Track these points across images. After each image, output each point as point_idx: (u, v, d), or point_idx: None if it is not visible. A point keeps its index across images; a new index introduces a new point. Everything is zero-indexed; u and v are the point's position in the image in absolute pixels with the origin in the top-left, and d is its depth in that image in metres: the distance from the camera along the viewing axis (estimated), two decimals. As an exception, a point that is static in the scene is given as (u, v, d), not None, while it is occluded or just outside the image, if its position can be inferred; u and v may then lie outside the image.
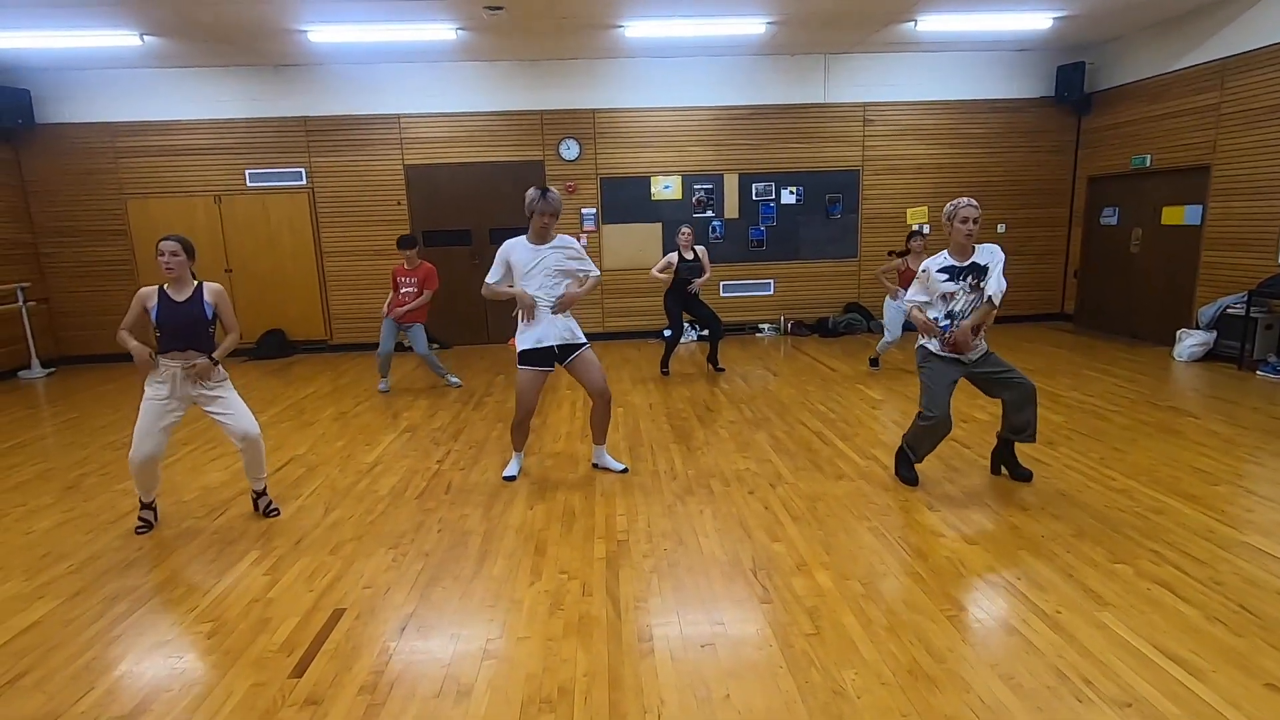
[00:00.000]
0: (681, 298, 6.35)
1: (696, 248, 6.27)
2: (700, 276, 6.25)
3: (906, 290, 6.13)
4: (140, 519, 3.50)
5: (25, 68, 7.55)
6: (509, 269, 3.73)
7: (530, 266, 3.69)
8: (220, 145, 8.02)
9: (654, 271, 6.28)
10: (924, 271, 3.50)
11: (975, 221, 3.32)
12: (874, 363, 6.59)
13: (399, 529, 3.41)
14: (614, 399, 4.07)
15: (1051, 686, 2.13)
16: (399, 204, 8.28)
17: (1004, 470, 3.85)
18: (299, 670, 2.33)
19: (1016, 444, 3.79)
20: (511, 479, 4.01)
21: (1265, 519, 3.20)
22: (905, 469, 3.78)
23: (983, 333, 3.47)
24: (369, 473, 4.23)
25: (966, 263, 3.40)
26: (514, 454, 4.10)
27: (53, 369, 7.88)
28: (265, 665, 2.36)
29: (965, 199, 3.39)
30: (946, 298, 3.46)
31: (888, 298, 6.32)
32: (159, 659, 2.42)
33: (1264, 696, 2.06)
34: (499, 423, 5.19)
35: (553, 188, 3.76)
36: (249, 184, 8.11)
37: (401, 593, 2.81)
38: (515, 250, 3.72)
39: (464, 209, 8.36)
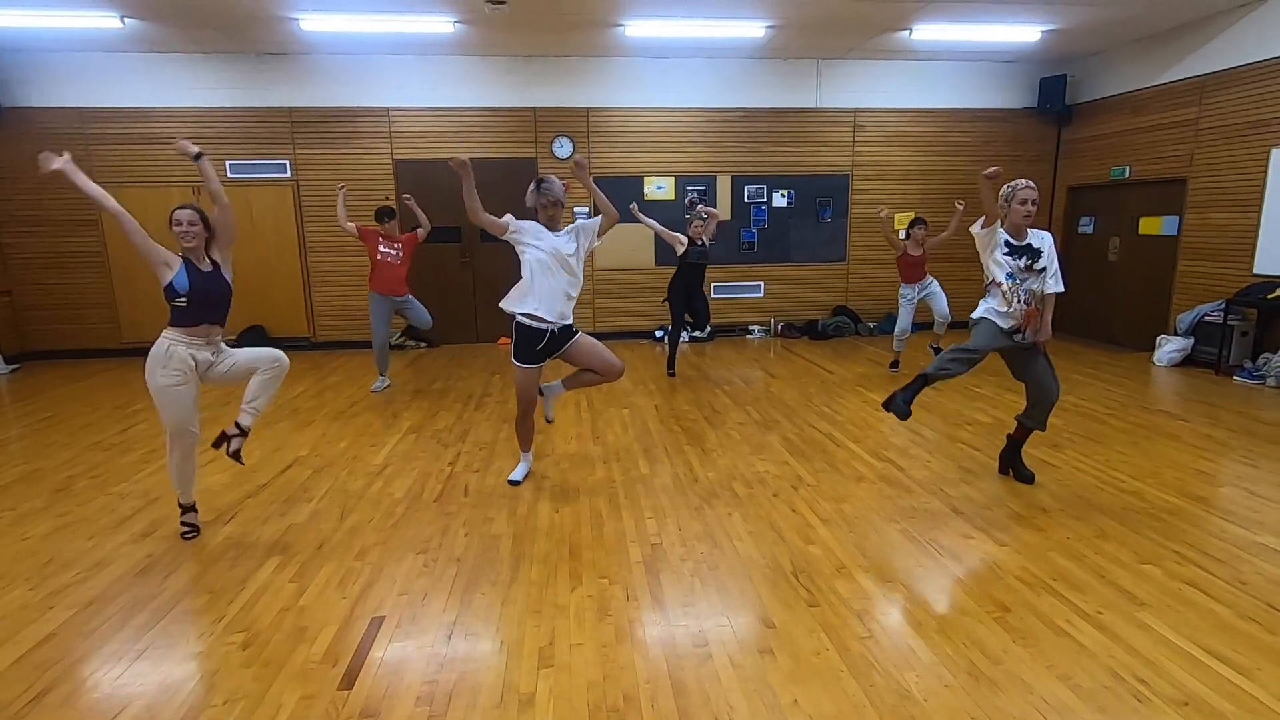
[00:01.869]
0: (686, 288, 6.35)
1: (705, 235, 6.28)
2: (706, 262, 6.36)
3: (906, 278, 6.30)
4: (185, 524, 3.34)
5: (-9, 48, 7.19)
6: (517, 229, 3.63)
7: (548, 249, 3.62)
8: (200, 135, 7.72)
9: (662, 230, 6.26)
10: (986, 233, 3.48)
11: (1035, 203, 3.41)
12: (894, 365, 6.65)
13: (424, 533, 3.33)
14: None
15: (1109, 686, 2.17)
16: (387, 199, 8.09)
17: (1010, 471, 3.94)
18: (348, 681, 2.25)
19: (1024, 445, 3.88)
20: (516, 483, 3.93)
21: (1273, 519, 3.33)
22: (904, 398, 3.54)
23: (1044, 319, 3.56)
24: (380, 475, 4.12)
25: (1023, 243, 3.47)
26: (522, 455, 4.03)
27: (17, 365, 7.50)
28: (311, 677, 2.28)
29: (1023, 180, 3.46)
30: (1010, 271, 3.50)
31: (902, 286, 6.38)
32: (195, 671, 2.31)
33: (1310, 693, 2.13)
34: (504, 423, 5.11)
35: (550, 176, 3.70)
36: (230, 175, 7.83)
37: (440, 599, 2.74)
38: (534, 226, 3.66)
39: (455, 206, 8.13)
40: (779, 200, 8.65)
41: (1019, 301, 3.50)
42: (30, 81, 7.42)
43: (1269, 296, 6.02)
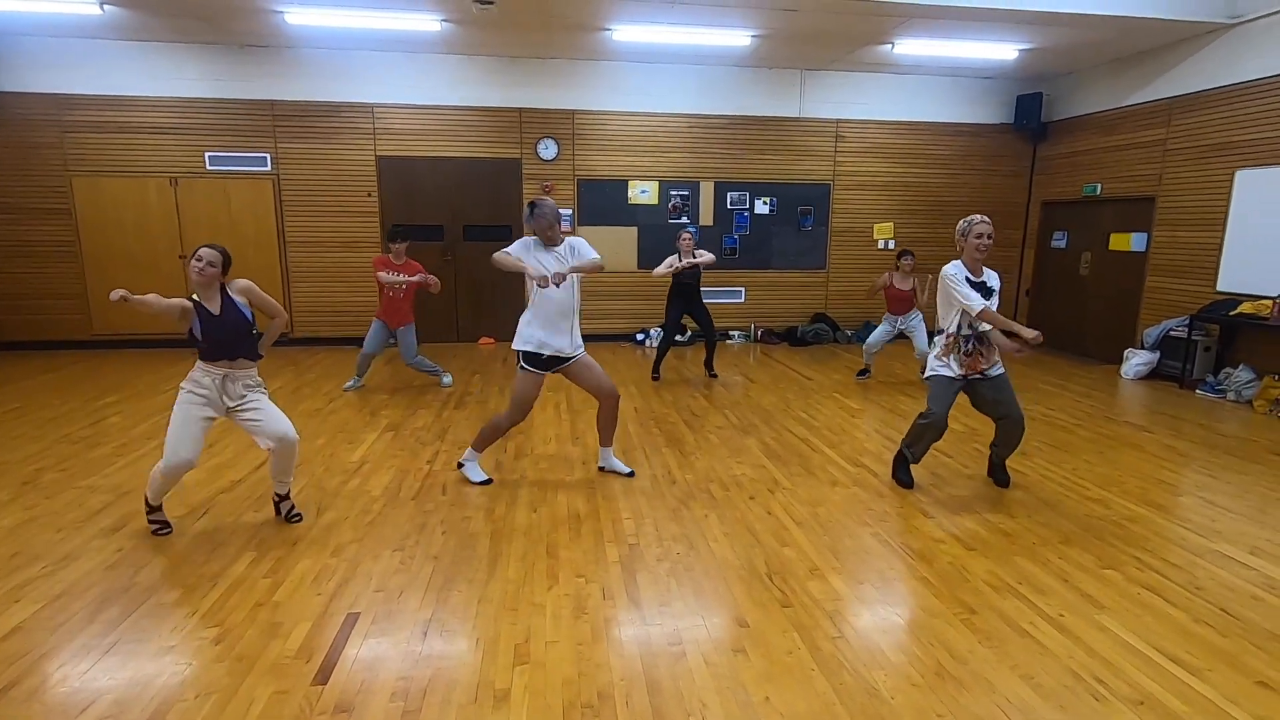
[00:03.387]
0: (683, 300, 6.40)
1: (698, 252, 6.31)
2: (698, 279, 6.40)
3: (892, 309, 6.41)
4: (156, 521, 3.29)
5: (-37, 30, 7.03)
6: (519, 255, 3.68)
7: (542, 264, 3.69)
8: (179, 125, 7.62)
9: (657, 270, 6.25)
10: (951, 279, 3.54)
11: (990, 236, 3.49)
12: (863, 373, 6.74)
13: (400, 531, 3.32)
14: (597, 404, 4.02)
15: (1069, 686, 2.24)
16: (369, 195, 8.05)
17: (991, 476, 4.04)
18: (322, 677, 2.24)
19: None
20: (486, 483, 3.94)
21: (1229, 528, 3.45)
22: (903, 473, 3.93)
23: (997, 351, 3.62)
24: (357, 472, 4.10)
25: (979, 280, 3.56)
26: (473, 450, 3.95)
27: (-17, 355, 7.33)
28: (284, 672, 2.27)
29: (978, 215, 3.57)
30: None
31: (886, 315, 6.54)
32: (166, 665, 2.29)
33: (1258, 693, 2.22)
34: (483, 422, 5.09)
35: (543, 198, 3.75)
36: (209, 167, 7.74)
37: (416, 596, 2.74)
38: (534, 248, 3.72)
39: (438, 204, 8.19)
40: (761, 207, 8.75)
41: (959, 351, 3.62)
42: (5, 67, 7.26)
43: (1231, 314, 6.21)
